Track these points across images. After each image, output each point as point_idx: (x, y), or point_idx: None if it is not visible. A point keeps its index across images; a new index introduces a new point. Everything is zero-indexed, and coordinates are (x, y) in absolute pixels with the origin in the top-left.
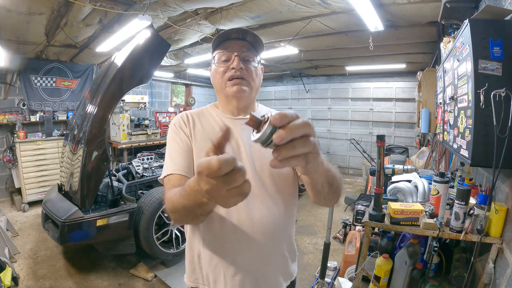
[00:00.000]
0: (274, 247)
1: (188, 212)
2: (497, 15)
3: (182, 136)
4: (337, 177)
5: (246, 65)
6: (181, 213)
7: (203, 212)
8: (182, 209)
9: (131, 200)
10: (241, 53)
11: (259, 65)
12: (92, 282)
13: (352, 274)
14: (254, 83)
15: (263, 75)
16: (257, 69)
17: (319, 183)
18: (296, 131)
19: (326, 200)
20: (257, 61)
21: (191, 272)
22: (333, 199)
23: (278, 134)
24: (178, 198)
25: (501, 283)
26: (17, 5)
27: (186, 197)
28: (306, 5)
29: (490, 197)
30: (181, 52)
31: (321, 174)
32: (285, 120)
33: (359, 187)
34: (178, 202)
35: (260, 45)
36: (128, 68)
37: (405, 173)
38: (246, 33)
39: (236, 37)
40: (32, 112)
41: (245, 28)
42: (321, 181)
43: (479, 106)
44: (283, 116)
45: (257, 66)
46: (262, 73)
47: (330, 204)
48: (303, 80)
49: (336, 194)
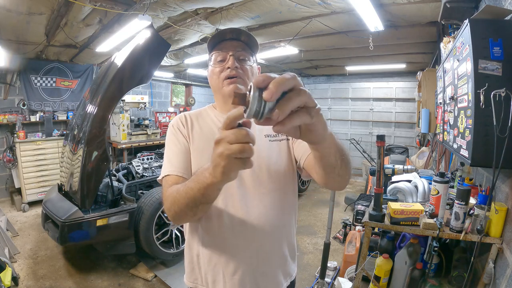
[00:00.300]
0: (272, 245)
1: (190, 199)
2: (497, 15)
3: (180, 137)
4: (345, 148)
5: (241, 64)
6: (181, 204)
7: (204, 200)
8: (185, 195)
9: (131, 200)
10: (235, 52)
11: (255, 64)
12: (92, 282)
13: (352, 274)
14: (250, 82)
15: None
16: (252, 68)
17: (332, 154)
18: (284, 83)
19: (340, 177)
20: (253, 60)
21: (190, 273)
22: (346, 176)
23: (267, 92)
24: (186, 184)
25: (501, 283)
26: (17, 5)
27: (195, 178)
28: (306, 5)
29: (490, 197)
30: (181, 52)
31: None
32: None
33: (359, 187)
34: (182, 191)
35: (254, 45)
36: (128, 68)
37: (405, 173)
38: (240, 33)
39: (231, 38)
40: (32, 112)
41: (239, 28)
42: (333, 150)
43: (479, 106)
44: (265, 76)
45: (252, 65)
46: (259, 73)
47: (342, 183)
48: (303, 80)
49: (348, 169)
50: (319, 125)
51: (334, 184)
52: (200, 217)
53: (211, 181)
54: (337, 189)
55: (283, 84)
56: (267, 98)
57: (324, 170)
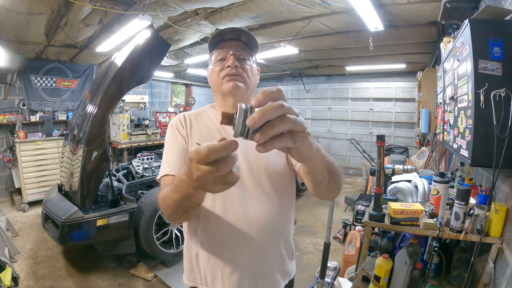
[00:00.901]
0: (271, 245)
1: (178, 206)
2: (497, 15)
3: (178, 137)
4: (336, 165)
5: (241, 64)
6: (172, 208)
7: (192, 205)
8: (172, 203)
9: (131, 200)
10: (236, 52)
11: (255, 64)
12: (92, 282)
13: (352, 274)
14: (250, 81)
15: (263, 75)
16: (252, 68)
17: (319, 171)
18: (270, 112)
19: (328, 191)
20: (253, 60)
21: (189, 272)
22: (335, 190)
23: (250, 119)
24: (169, 193)
25: (501, 283)
26: (17, 5)
27: (175, 189)
28: (306, 5)
29: (490, 197)
30: (181, 52)
31: (319, 160)
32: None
33: (359, 187)
34: (169, 197)
35: (254, 45)
36: (128, 68)
37: (405, 173)
38: (241, 33)
39: (231, 38)
40: (32, 112)
41: (239, 28)
42: (321, 168)
43: (479, 106)
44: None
45: (252, 65)
46: (258, 74)
47: (331, 196)
48: (303, 80)
49: (337, 184)
50: (303, 148)
51: (322, 196)
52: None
53: (192, 192)
54: (326, 200)
55: (268, 113)
56: (249, 125)
57: (312, 183)
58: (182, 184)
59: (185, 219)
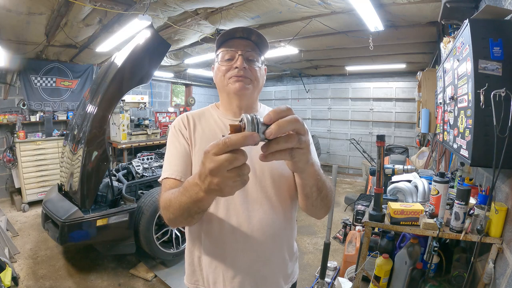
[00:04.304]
0: (273, 249)
1: (183, 210)
2: (497, 15)
3: (181, 139)
4: (327, 186)
5: (250, 65)
6: (176, 212)
7: (198, 210)
8: (178, 207)
9: (131, 200)
10: (245, 52)
11: (263, 66)
12: (92, 282)
13: (352, 274)
14: (257, 83)
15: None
16: (260, 69)
17: (308, 186)
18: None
19: (314, 208)
20: (261, 61)
21: (191, 274)
22: (322, 209)
23: (268, 131)
24: (176, 195)
25: (501, 283)
26: (17, 5)
27: (184, 192)
28: (306, 5)
29: (490, 197)
30: (181, 52)
31: (310, 175)
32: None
33: (359, 187)
34: (175, 200)
35: (264, 45)
36: (128, 68)
37: (405, 173)
38: (251, 33)
39: (241, 36)
40: (32, 112)
41: (250, 27)
42: (310, 183)
43: (479, 106)
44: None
45: (261, 67)
46: (265, 74)
47: (318, 214)
48: (303, 80)
49: (324, 204)
50: (299, 163)
51: (309, 211)
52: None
53: (202, 197)
54: (314, 217)
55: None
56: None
57: (300, 195)
58: (192, 187)
59: (187, 224)
